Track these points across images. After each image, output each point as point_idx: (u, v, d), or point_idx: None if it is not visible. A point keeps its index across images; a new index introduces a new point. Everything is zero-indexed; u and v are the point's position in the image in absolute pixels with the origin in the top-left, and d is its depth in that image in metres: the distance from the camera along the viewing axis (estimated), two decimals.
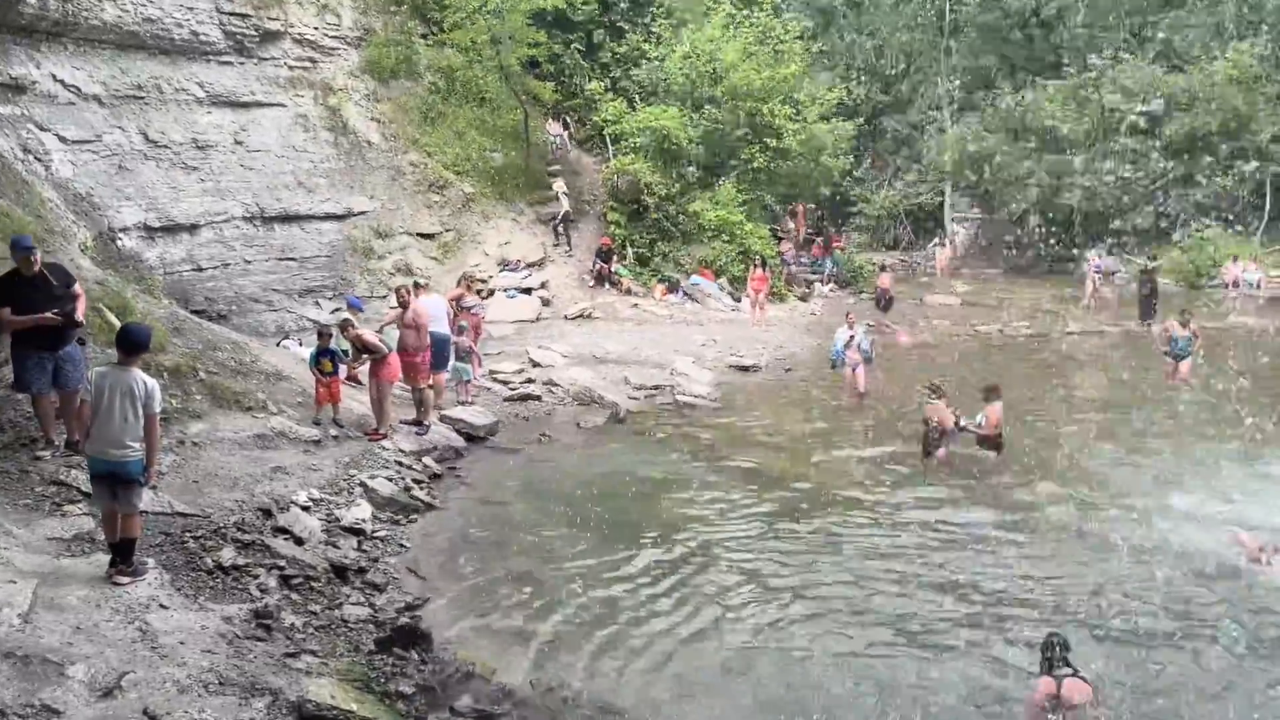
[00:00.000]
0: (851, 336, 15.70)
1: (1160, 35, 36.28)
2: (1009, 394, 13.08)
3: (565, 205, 24.04)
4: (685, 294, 24.08)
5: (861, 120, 36.22)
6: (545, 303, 21.71)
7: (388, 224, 22.11)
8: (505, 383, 15.55)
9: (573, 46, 28.39)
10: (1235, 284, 29.97)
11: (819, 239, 31.60)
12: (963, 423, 12.35)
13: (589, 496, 11.14)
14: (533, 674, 7.16)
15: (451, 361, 14.34)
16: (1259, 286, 29.54)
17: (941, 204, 38.08)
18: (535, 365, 16.68)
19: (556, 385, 15.58)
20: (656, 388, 16.14)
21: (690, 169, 25.80)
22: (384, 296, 20.00)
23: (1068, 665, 6.43)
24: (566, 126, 26.81)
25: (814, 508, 10.95)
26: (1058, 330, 23.72)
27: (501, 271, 22.39)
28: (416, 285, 15.07)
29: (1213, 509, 10.69)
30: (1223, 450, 12.61)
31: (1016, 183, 34.62)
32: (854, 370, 15.58)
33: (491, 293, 21.32)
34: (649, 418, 14.86)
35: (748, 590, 8.73)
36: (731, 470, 12.37)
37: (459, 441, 12.62)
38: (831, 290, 28.69)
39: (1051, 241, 35.23)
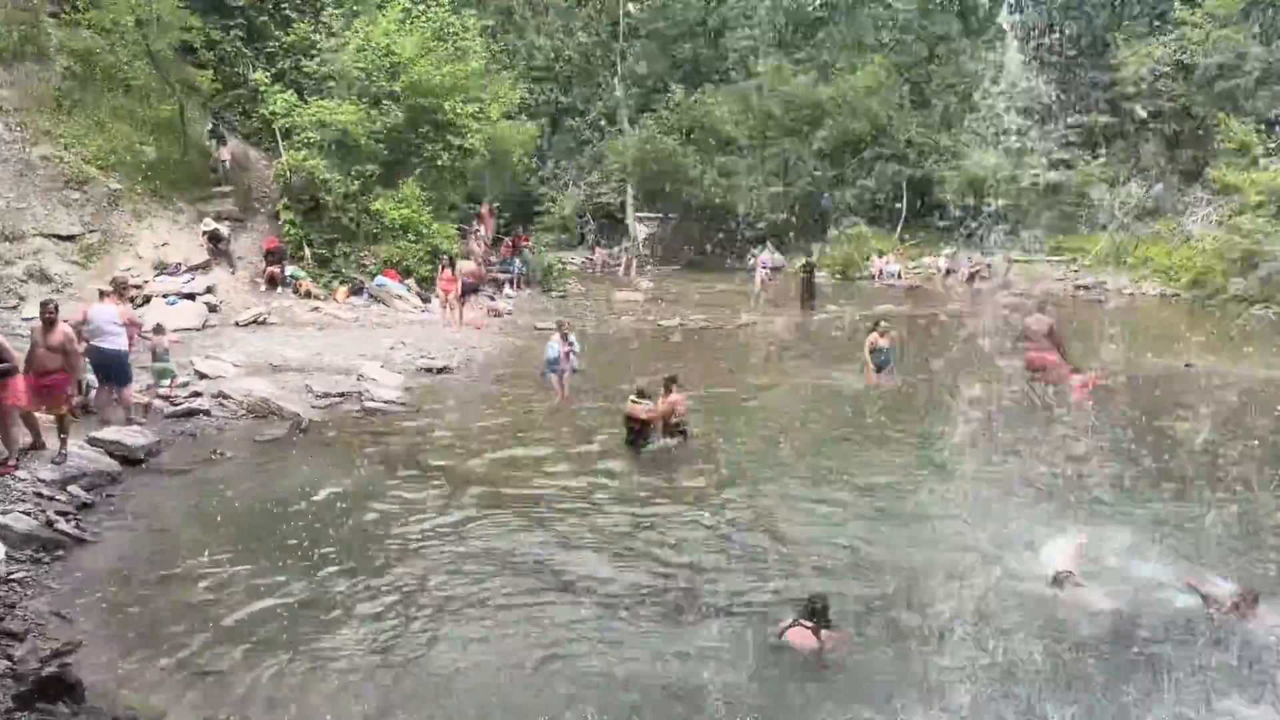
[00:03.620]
0: (569, 347, 15.71)
1: (813, 48, 39.80)
2: (693, 383, 13.65)
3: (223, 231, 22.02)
4: (371, 296, 23.11)
5: (544, 120, 36.63)
6: (212, 309, 19.91)
7: (15, 225, 19.28)
8: (167, 398, 14.05)
9: (233, 32, 26.37)
10: (880, 275, 33.58)
11: (507, 238, 31.54)
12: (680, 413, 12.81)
13: (269, 515, 10.29)
14: (206, 712, 6.48)
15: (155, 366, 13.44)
16: (900, 277, 33.24)
17: (624, 203, 39.39)
18: (203, 377, 15.21)
19: (228, 398, 14.30)
20: (342, 394, 15.29)
21: (371, 166, 24.78)
22: (14, 306, 17.50)
23: (809, 618, 7.35)
24: (223, 140, 24.29)
25: (511, 508, 10.76)
26: (732, 322, 25.26)
27: (159, 276, 20.26)
28: (104, 293, 13.32)
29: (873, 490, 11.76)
30: (886, 439, 13.97)
31: (691, 183, 36.57)
32: (560, 377, 15.66)
33: (148, 299, 19.26)
34: (335, 427, 14.02)
35: (443, 599, 8.39)
36: (424, 474, 11.92)
37: (112, 466, 11.20)
38: (518, 291, 28.72)
39: (723, 238, 37.64)
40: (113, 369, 12.48)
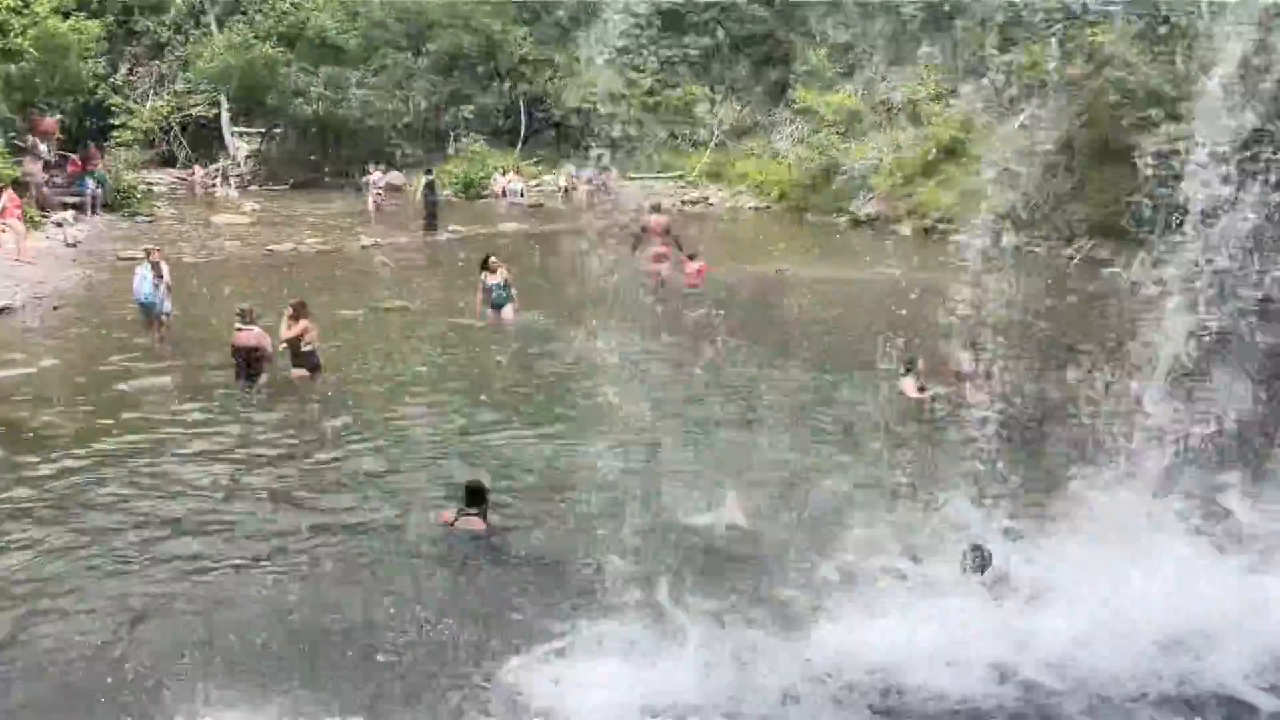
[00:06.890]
0: (160, 278, 13.87)
1: None
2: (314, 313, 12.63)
3: None
4: None
5: (111, 19, 31.94)
6: None
7: None
8: None
9: None
10: (504, 193, 33.39)
11: (75, 155, 27.26)
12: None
13: None
14: None
15: None
16: (523, 195, 33.26)
17: (218, 116, 35.64)
18: None
19: None
20: None
21: None
22: None
23: (470, 504, 7.82)
24: None
25: (100, 463, 9.49)
26: (352, 245, 23.93)
27: None
28: None
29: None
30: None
31: (296, 95, 33.85)
32: (162, 316, 13.89)
33: None
34: None
35: (24, 574, 7.30)
36: None
37: None
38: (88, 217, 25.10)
39: (335, 155, 35.46)
40: None
